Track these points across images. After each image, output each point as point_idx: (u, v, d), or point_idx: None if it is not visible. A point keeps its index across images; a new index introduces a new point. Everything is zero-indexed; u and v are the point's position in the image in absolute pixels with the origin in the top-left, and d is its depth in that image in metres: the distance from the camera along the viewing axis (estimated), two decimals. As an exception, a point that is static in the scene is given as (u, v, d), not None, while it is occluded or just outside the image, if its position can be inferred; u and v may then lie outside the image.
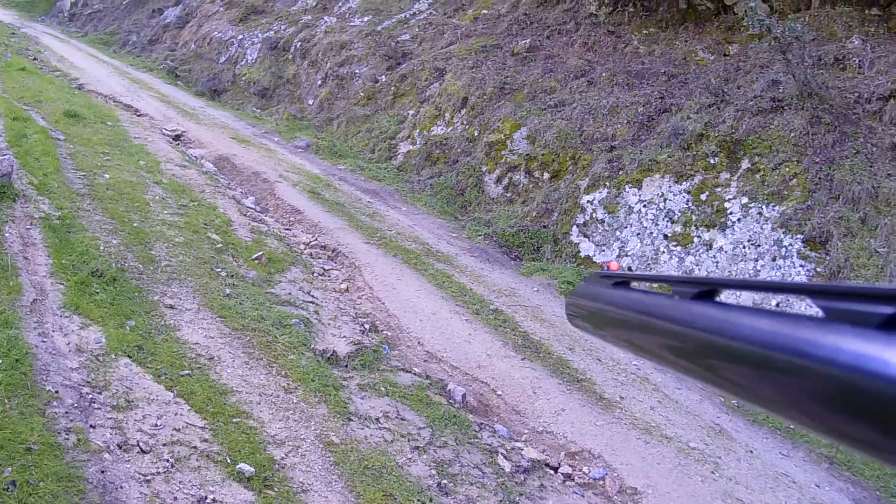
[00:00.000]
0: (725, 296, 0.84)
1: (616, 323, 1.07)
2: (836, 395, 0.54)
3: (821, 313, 0.62)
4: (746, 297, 10.08)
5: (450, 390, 8.55)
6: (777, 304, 9.78)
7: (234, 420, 6.76)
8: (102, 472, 5.52)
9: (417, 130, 19.33)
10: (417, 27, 24.62)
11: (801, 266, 11.21)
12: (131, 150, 15.39)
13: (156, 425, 6.34)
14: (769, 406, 0.65)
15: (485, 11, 23.33)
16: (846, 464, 8.49)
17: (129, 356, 7.27)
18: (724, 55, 16.38)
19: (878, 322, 0.55)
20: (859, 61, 13.84)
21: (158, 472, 5.77)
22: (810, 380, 0.57)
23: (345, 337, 9.19)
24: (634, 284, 1.12)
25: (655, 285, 1.14)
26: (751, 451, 8.38)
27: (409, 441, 7.26)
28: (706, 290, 0.85)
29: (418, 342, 9.77)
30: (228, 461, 6.16)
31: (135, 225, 10.77)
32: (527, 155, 15.88)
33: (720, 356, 0.72)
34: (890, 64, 13.52)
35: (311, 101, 24.56)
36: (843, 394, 0.53)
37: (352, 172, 18.32)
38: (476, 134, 17.48)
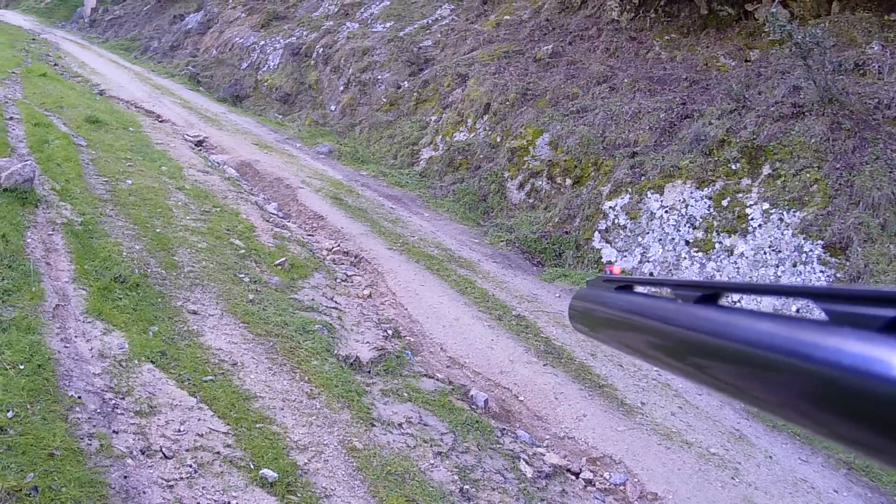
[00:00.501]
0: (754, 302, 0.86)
1: (619, 326, 1.08)
2: (839, 398, 0.55)
3: (824, 316, 0.64)
4: (767, 304, 10.08)
5: (472, 396, 8.55)
6: (797, 310, 9.76)
7: (258, 426, 6.79)
8: (125, 477, 5.55)
9: (440, 136, 19.34)
10: (440, 33, 24.67)
11: (821, 272, 11.16)
12: (153, 156, 15.46)
13: (179, 431, 6.36)
14: (770, 408, 0.66)
15: (507, 17, 23.36)
16: (864, 469, 8.45)
17: (152, 362, 7.29)
18: (746, 61, 16.34)
19: (881, 325, 0.56)
20: (879, 67, 13.77)
21: (181, 478, 5.80)
22: (812, 382, 0.58)
23: (368, 343, 9.20)
24: (637, 289, 1.15)
25: (658, 289, 1.16)
26: (770, 457, 8.35)
27: (431, 447, 7.26)
28: (709, 294, 0.87)
29: (441, 348, 9.78)
30: (251, 467, 6.17)
31: (157, 231, 10.81)
32: (549, 161, 15.87)
33: (722, 359, 0.74)
34: (910, 70, 13.48)
35: (333, 107, 24.63)
36: (845, 396, 0.55)
37: (374, 178, 18.37)
38: (498, 140, 17.49)
